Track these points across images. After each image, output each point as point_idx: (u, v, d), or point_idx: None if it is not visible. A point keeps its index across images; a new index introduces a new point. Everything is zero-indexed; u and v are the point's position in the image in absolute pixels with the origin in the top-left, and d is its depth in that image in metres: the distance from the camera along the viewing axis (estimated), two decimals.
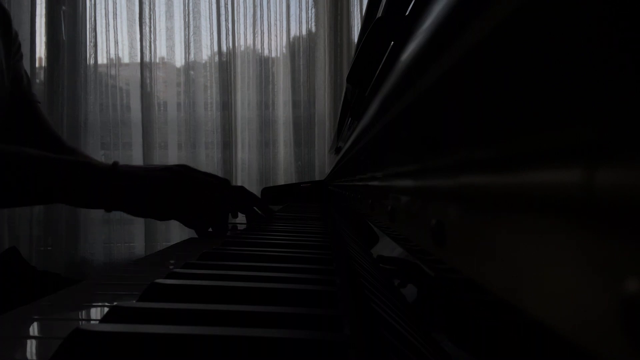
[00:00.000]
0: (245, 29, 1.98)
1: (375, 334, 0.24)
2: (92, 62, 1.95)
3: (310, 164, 1.97)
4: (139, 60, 1.94)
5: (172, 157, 1.97)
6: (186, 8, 1.96)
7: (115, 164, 0.68)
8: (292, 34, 2.01)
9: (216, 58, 1.96)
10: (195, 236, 0.72)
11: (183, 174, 0.70)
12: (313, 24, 2.00)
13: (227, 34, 1.95)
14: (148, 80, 1.93)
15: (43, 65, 1.93)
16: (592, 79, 0.10)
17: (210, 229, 0.72)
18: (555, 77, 0.11)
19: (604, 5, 0.09)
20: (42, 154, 0.68)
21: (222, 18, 1.95)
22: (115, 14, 1.96)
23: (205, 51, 1.99)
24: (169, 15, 1.97)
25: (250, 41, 1.98)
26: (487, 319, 0.17)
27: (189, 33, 1.97)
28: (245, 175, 1.96)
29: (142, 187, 0.68)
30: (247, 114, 1.98)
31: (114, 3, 1.96)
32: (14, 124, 0.89)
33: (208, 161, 1.96)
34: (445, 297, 0.22)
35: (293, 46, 2.00)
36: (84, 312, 0.32)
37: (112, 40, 1.96)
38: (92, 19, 1.95)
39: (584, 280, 0.10)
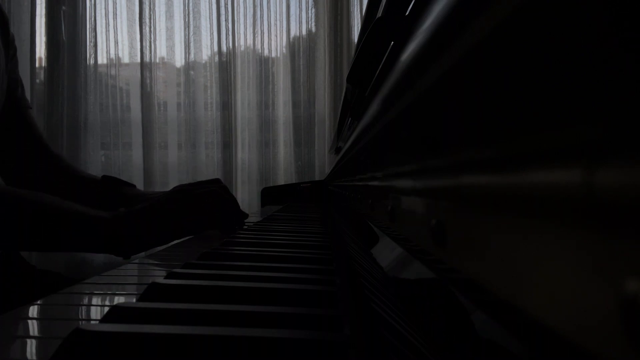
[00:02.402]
0: (245, 29, 1.98)
1: (375, 334, 0.24)
2: (92, 62, 1.95)
3: (310, 164, 1.97)
4: (139, 60, 1.94)
5: (172, 157, 1.97)
6: (186, 8, 1.96)
7: (118, 214, 0.66)
8: (292, 34, 2.01)
9: (216, 58, 1.96)
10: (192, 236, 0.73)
11: (177, 194, 0.70)
12: (313, 24, 1.99)
13: (227, 34, 1.95)
14: (148, 80, 1.93)
15: (43, 65, 1.93)
16: (591, 79, 0.10)
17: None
18: (555, 77, 0.11)
19: (604, 5, 0.09)
20: (50, 201, 0.65)
21: (222, 18, 1.95)
22: (115, 14, 1.96)
23: (205, 51, 1.99)
24: (169, 15, 1.97)
25: (250, 41, 1.98)
26: (487, 319, 0.17)
27: (189, 33, 1.96)
28: (245, 175, 1.96)
29: (147, 228, 0.66)
30: (247, 114, 1.98)
31: (114, 3, 1.96)
32: (5, 130, 0.89)
33: (208, 161, 1.96)
34: (445, 297, 0.22)
35: (293, 46, 2.00)
36: (84, 312, 0.32)
37: (112, 40, 1.96)
38: (92, 19, 1.95)
39: (584, 280, 0.10)
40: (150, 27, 1.94)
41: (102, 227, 0.64)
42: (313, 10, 1.98)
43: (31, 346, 0.25)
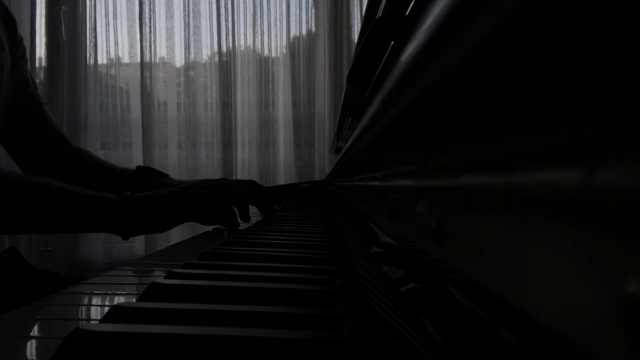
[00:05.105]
0: (245, 29, 1.98)
1: (375, 334, 0.24)
2: (92, 62, 1.95)
3: (310, 164, 1.97)
4: (139, 60, 1.94)
5: (172, 157, 1.97)
6: (186, 8, 1.96)
7: (125, 197, 0.70)
8: (292, 34, 2.01)
9: (216, 58, 1.96)
10: (195, 235, 0.74)
11: (181, 192, 0.74)
12: (313, 24, 1.99)
13: (227, 34, 1.95)
14: (148, 80, 1.93)
15: (43, 65, 1.93)
16: (591, 79, 0.10)
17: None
18: (554, 77, 0.11)
19: (604, 6, 0.09)
20: (58, 186, 0.69)
21: (222, 18, 1.95)
22: (115, 14, 1.96)
23: (205, 51, 1.99)
24: (169, 15, 1.97)
25: (250, 41, 1.98)
26: (486, 319, 0.17)
27: (189, 33, 1.96)
28: (245, 175, 1.96)
29: (149, 214, 0.71)
30: (247, 114, 1.98)
31: (114, 3, 1.96)
32: (19, 127, 0.91)
33: (208, 161, 1.96)
34: (444, 297, 0.22)
35: (293, 46, 2.00)
36: (84, 312, 0.32)
37: (112, 40, 1.96)
38: (92, 19, 1.95)
39: (584, 280, 0.10)
40: (150, 27, 1.94)
41: (106, 207, 0.68)
42: (313, 10, 1.98)
43: (31, 346, 0.25)
